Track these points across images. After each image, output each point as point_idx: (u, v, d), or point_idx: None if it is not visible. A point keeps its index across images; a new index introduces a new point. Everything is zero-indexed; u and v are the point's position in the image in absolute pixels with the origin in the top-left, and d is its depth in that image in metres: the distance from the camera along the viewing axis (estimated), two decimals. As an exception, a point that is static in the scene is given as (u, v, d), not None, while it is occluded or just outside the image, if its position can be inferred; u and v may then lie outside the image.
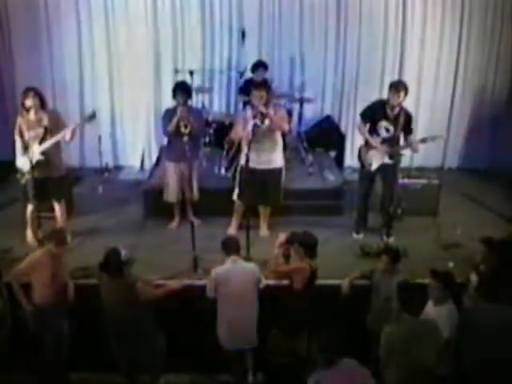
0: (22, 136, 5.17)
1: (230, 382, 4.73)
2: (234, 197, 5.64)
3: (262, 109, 5.18)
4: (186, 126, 5.42)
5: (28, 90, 5.16)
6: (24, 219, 5.47)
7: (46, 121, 5.17)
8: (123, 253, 4.11)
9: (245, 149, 5.40)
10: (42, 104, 5.21)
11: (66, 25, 7.16)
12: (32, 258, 4.32)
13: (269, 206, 5.74)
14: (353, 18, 7.24)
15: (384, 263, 4.35)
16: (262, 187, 5.40)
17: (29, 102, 5.10)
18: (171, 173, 5.74)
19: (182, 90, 5.54)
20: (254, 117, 5.23)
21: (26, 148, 5.12)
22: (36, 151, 5.12)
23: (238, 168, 5.60)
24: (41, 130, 5.15)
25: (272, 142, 5.39)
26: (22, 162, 5.16)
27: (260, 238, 5.64)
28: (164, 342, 4.42)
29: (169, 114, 5.58)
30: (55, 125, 5.24)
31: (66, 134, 5.20)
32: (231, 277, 4.24)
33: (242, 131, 5.35)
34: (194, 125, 5.48)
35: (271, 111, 5.26)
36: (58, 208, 5.56)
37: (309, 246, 4.24)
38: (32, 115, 5.15)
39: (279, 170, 5.57)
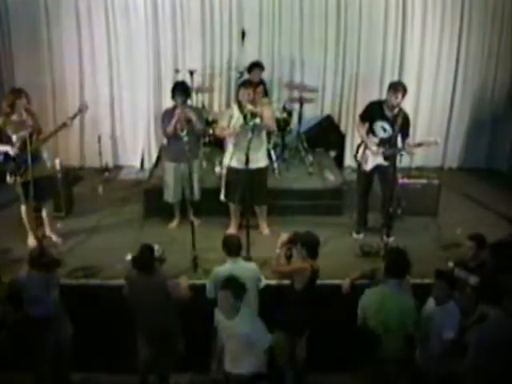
0: (1, 138, 5.11)
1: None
2: (222, 197, 5.64)
3: (251, 107, 5.17)
4: (182, 129, 5.42)
5: (20, 91, 5.13)
6: (22, 221, 5.47)
7: (30, 120, 5.14)
8: (156, 248, 4.13)
9: (230, 149, 5.42)
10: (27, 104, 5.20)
11: (66, 25, 7.16)
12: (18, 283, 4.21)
13: (264, 206, 5.74)
14: (353, 18, 7.24)
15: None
16: (247, 187, 5.31)
17: (21, 103, 5.07)
18: (171, 173, 5.74)
19: (180, 90, 5.54)
20: (245, 117, 5.20)
21: (17, 149, 5.06)
22: (30, 150, 5.08)
23: (224, 168, 5.62)
24: (29, 130, 5.08)
25: (258, 141, 5.34)
26: (15, 164, 5.10)
27: (261, 237, 5.65)
28: (183, 345, 4.42)
29: (168, 114, 5.58)
30: (35, 123, 5.23)
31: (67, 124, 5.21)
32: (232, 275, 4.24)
33: (227, 127, 5.37)
34: (194, 125, 5.48)
35: (258, 108, 5.25)
36: (44, 207, 5.52)
37: (311, 247, 4.24)
38: (16, 116, 5.11)
39: (264, 170, 5.57)
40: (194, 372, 4.98)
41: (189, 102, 5.75)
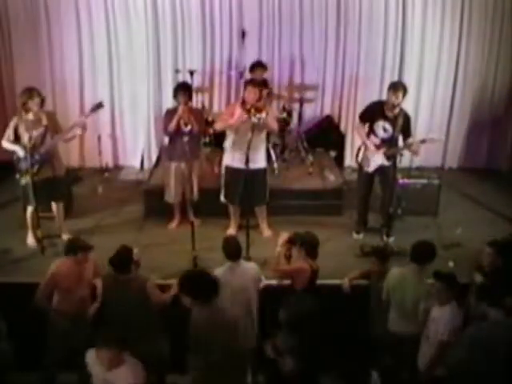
0: (17, 137, 5.14)
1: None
2: (222, 198, 5.64)
3: (256, 103, 5.14)
4: (186, 124, 5.43)
5: (32, 90, 5.15)
6: (24, 220, 5.47)
7: (45, 120, 5.17)
8: (135, 251, 4.15)
9: (229, 148, 5.42)
10: (42, 104, 5.21)
11: (66, 25, 7.16)
12: (51, 274, 4.18)
13: (264, 206, 5.73)
14: (353, 18, 7.23)
15: (375, 265, 4.36)
16: (247, 187, 5.31)
17: (33, 103, 5.08)
18: (172, 173, 5.73)
19: (182, 90, 5.56)
20: (249, 111, 5.13)
21: (28, 149, 5.06)
22: (44, 149, 5.10)
23: (223, 168, 5.60)
24: (41, 130, 5.14)
25: (258, 141, 5.33)
26: (27, 164, 5.09)
27: (261, 237, 5.65)
28: (167, 342, 4.39)
29: (169, 113, 5.59)
30: (53, 123, 5.25)
31: (78, 129, 5.20)
32: (232, 277, 4.23)
33: (228, 120, 5.31)
34: (195, 124, 5.49)
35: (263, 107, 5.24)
36: (56, 208, 5.56)
37: (311, 247, 4.24)
38: (31, 115, 5.14)
39: (263, 171, 5.55)
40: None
41: (190, 103, 5.74)
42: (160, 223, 5.98)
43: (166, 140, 5.89)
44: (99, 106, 5.40)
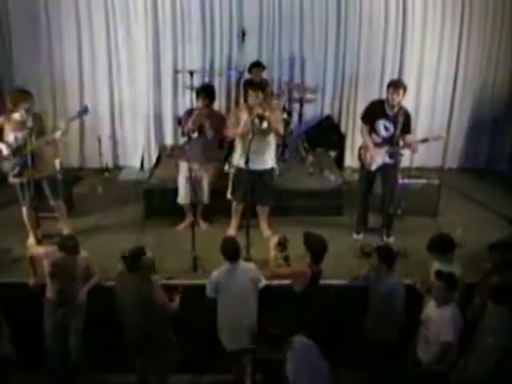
0: (2, 137, 5.16)
1: (229, 382, 4.73)
2: (228, 195, 5.64)
3: (261, 111, 5.10)
4: (193, 131, 5.43)
5: (24, 93, 5.14)
6: (23, 221, 5.48)
7: (30, 122, 5.11)
8: (148, 254, 4.12)
9: (238, 149, 5.41)
10: (30, 106, 5.19)
11: (65, 25, 7.15)
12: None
13: (266, 206, 5.73)
14: (353, 18, 7.23)
15: (376, 262, 4.34)
16: (254, 188, 5.33)
17: (23, 105, 5.05)
18: (184, 173, 5.67)
19: (203, 93, 5.53)
20: (252, 122, 5.11)
21: (13, 149, 5.11)
22: (27, 151, 5.09)
23: (232, 168, 5.59)
24: (26, 132, 5.09)
25: (265, 143, 5.34)
26: (11, 164, 5.15)
27: (262, 237, 5.62)
28: (178, 347, 4.41)
29: (188, 114, 5.60)
30: (39, 125, 5.22)
31: (58, 133, 5.19)
32: (231, 278, 4.24)
33: (235, 128, 5.32)
34: (208, 129, 5.46)
35: (267, 112, 5.18)
36: (57, 208, 5.56)
37: (317, 253, 4.24)
38: (18, 116, 5.12)
39: (271, 171, 5.56)
40: (195, 372, 4.99)
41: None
42: (160, 223, 5.97)
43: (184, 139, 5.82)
44: (85, 111, 5.38)
